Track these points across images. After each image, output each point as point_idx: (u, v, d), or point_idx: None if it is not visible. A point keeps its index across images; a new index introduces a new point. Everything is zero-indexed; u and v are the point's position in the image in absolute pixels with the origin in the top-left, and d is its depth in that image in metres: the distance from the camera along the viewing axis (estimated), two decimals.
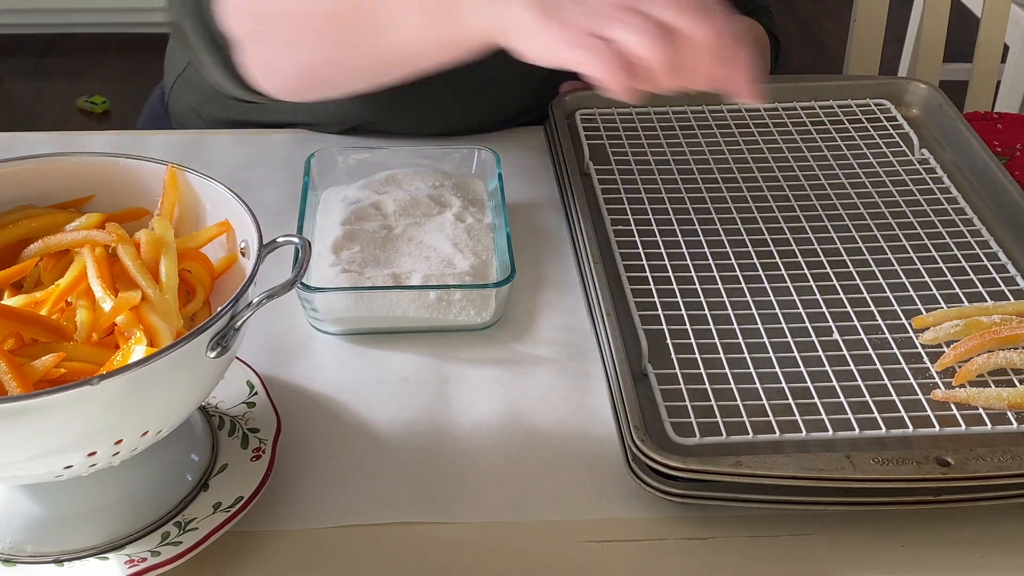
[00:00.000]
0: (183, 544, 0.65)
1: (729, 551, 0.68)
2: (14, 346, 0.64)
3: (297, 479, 0.72)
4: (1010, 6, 1.64)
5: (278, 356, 0.82)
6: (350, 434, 0.76)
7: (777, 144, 1.02)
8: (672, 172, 0.98)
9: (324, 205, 0.91)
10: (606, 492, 0.72)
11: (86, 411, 0.57)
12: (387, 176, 0.94)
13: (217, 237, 0.71)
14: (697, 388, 0.74)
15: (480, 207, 0.92)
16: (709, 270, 0.86)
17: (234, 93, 0.93)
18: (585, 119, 1.04)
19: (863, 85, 1.10)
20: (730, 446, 0.71)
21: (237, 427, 0.72)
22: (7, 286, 0.69)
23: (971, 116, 1.16)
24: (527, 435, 0.76)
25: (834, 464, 0.67)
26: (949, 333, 0.78)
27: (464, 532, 0.69)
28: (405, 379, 0.80)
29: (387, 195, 0.92)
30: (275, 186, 0.99)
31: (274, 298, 0.63)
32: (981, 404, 0.73)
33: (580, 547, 0.68)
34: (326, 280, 0.83)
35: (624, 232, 0.89)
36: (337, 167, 0.95)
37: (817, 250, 0.88)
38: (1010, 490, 0.68)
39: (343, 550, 0.68)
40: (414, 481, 0.72)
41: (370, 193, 0.92)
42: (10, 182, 0.72)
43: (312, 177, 0.92)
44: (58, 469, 0.60)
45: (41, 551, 0.65)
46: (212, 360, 0.61)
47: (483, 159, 0.96)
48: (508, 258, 0.84)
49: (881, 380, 0.76)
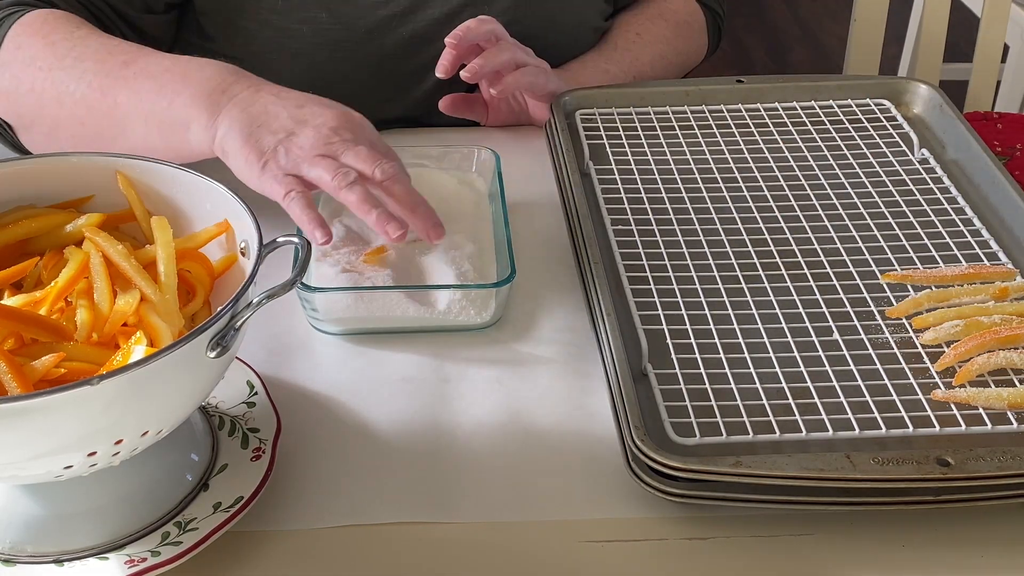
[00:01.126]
0: (183, 544, 0.65)
1: (729, 551, 0.68)
2: (14, 346, 0.64)
3: (297, 479, 0.72)
4: (1010, 6, 1.64)
5: (278, 356, 0.82)
6: (350, 434, 0.76)
7: (777, 144, 1.02)
8: (672, 172, 0.98)
9: (324, 205, 0.91)
10: (606, 492, 0.72)
11: (86, 411, 0.57)
12: None
13: (216, 237, 0.71)
14: (697, 388, 0.74)
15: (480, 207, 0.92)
16: (709, 270, 0.86)
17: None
18: (585, 119, 1.04)
19: (863, 85, 1.10)
20: (730, 446, 0.71)
21: (237, 427, 0.72)
22: (7, 286, 0.69)
23: (971, 116, 1.16)
24: (527, 435, 0.76)
25: (834, 464, 0.67)
26: (949, 333, 0.78)
27: (464, 532, 0.69)
28: (405, 379, 0.80)
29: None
30: None
31: (274, 298, 0.63)
32: (981, 404, 0.73)
33: (580, 547, 0.68)
34: (326, 280, 0.83)
35: (624, 232, 0.89)
36: None
37: (817, 250, 0.88)
38: (1010, 490, 0.68)
39: (343, 550, 0.68)
40: (414, 481, 0.72)
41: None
42: (10, 182, 0.73)
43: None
44: (58, 469, 0.60)
45: (41, 551, 0.65)
46: (212, 360, 0.61)
47: (483, 159, 0.96)
48: (508, 258, 0.84)
49: (881, 380, 0.76)
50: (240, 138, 0.81)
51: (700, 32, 1.27)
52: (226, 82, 0.85)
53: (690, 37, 1.25)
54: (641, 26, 1.20)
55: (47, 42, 0.91)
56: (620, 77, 1.15)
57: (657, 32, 1.20)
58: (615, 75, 1.15)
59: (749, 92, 1.08)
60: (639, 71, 1.17)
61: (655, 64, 1.19)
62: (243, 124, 0.81)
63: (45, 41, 0.92)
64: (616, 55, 1.16)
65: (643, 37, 1.19)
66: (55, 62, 0.90)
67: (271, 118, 0.82)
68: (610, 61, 1.16)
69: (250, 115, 0.82)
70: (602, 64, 1.15)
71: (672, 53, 1.21)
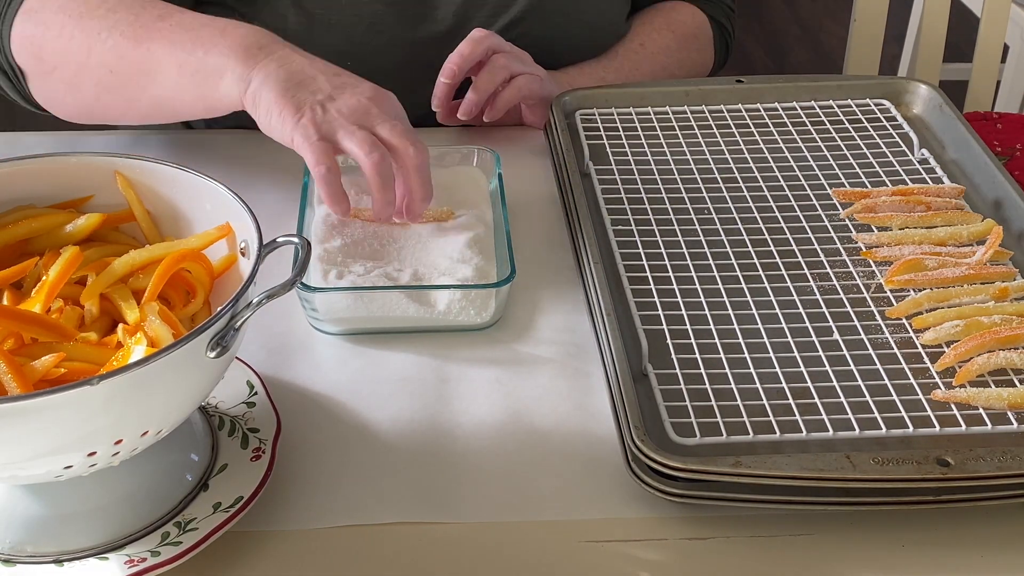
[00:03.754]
0: (183, 544, 0.65)
1: (729, 551, 0.68)
2: (14, 346, 0.64)
3: (297, 479, 0.72)
4: (1010, 6, 1.64)
5: (278, 356, 0.82)
6: (350, 434, 0.76)
7: (777, 144, 1.02)
8: (672, 172, 0.98)
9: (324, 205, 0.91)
10: (606, 492, 0.72)
11: (86, 411, 0.57)
12: None
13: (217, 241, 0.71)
14: (697, 388, 0.74)
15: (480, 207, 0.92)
16: (709, 270, 0.86)
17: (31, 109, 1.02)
18: (585, 119, 1.04)
19: (863, 85, 1.10)
20: (730, 446, 0.71)
21: (237, 427, 0.72)
22: (7, 286, 0.69)
23: (971, 116, 1.16)
24: (527, 435, 0.76)
25: (834, 464, 0.67)
26: (949, 333, 0.78)
27: (464, 532, 0.69)
28: (405, 379, 0.80)
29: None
30: (275, 186, 0.99)
31: (274, 298, 0.63)
32: (981, 404, 0.73)
33: (580, 547, 0.68)
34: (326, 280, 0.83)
35: (624, 232, 0.89)
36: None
37: (817, 250, 0.88)
38: (1010, 490, 0.68)
39: (343, 550, 0.68)
40: (414, 481, 0.72)
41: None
42: (10, 182, 0.73)
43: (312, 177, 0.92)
44: (58, 469, 0.60)
45: (41, 551, 0.65)
46: (212, 360, 0.61)
47: (483, 159, 0.96)
48: (508, 258, 0.84)
49: (881, 380, 0.76)
50: (276, 91, 0.82)
51: (706, 45, 1.26)
52: (263, 40, 0.86)
53: (695, 50, 1.24)
54: (646, 36, 1.20)
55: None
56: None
57: (661, 43, 1.20)
58: (611, 83, 1.15)
59: (749, 92, 1.08)
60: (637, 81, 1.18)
61: (656, 75, 1.19)
62: (281, 79, 0.83)
63: None
64: (615, 64, 1.17)
65: (646, 47, 1.19)
66: (86, 11, 0.91)
67: (309, 79, 0.83)
68: (607, 69, 1.16)
69: (289, 71, 0.83)
70: (599, 72, 1.16)
71: (675, 65, 1.21)
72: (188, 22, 0.89)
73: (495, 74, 1.03)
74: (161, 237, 0.74)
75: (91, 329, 0.67)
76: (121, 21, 0.90)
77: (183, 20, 0.89)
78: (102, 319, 0.69)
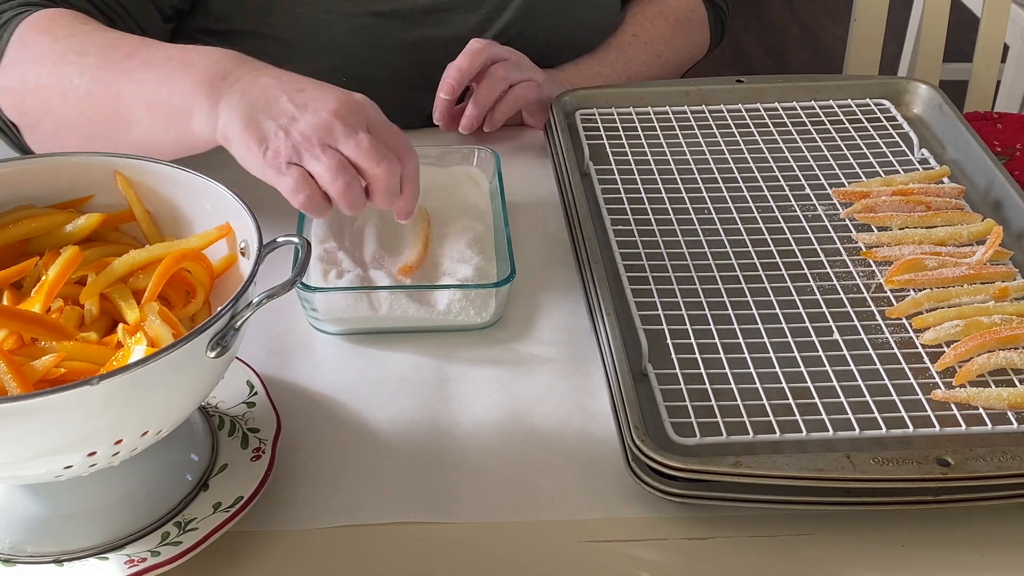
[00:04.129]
0: (183, 544, 0.65)
1: (729, 551, 0.68)
2: (14, 346, 0.64)
3: (297, 479, 0.72)
4: (1010, 6, 1.64)
5: (278, 356, 0.82)
6: (350, 434, 0.76)
7: (777, 144, 1.02)
8: (672, 172, 0.98)
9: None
10: (606, 492, 0.72)
11: (86, 411, 0.57)
12: None
13: (217, 241, 0.71)
14: (697, 388, 0.74)
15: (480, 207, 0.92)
16: (709, 270, 0.86)
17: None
18: (585, 119, 1.04)
19: (863, 85, 1.10)
20: (730, 446, 0.71)
21: (237, 427, 0.72)
22: (7, 286, 0.69)
23: (971, 116, 1.16)
24: (527, 435, 0.76)
25: (834, 464, 0.67)
26: (949, 333, 0.78)
27: (464, 532, 0.69)
28: (405, 379, 0.80)
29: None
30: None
31: (274, 298, 0.63)
32: (981, 404, 0.73)
33: (580, 547, 0.68)
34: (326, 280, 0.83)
35: (624, 232, 0.89)
36: None
37: (817, 250, 0.88)
38: (1010, 490, 0.68)
39: (343, 550, 0.68)
40: (414, 481, 0.72)
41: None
42: (10, 182, 0.73)
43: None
44: (58, 469, 0.60)
45: (41, 551, 0.65)
46: (212, 360, 0.61)
47: (483, 159, 0.96)
48: (508, 258, 0.84)
49: (881, 380, 0.75)
50: (240, 123, 0.80)
51: (701, 27, 1.27)
52: (227, 68, 0.84)
53: (690, 33, 1.25)
54: (639, 26, 1.21)
55: (52, 38, 0.91)
56: (613, 79, 1.16)
57: (655, 32, 1.21)
58: (608, 76, 1.15)
59: (749, 92, 1.08)
60: (634, 72, 1.18)
61: (651, 64, 1.19)
62: (243, 109, 0.80)
63: (51, 38, 0.91)
64: (610, 56, 1.17)
65: (639, 38, 1.20)
66: (59, 58, 0.90)
67: (271, 102, 0.81)
68: (603, 63, 1.16)
69: (249, 100, 0.81)
70: (595, 66, 1.16)
71: (670, 52, 1.22)
72: (154, 58, 0.87)
73: (494, 86, 1.03)
74: (161, 237, 0.74)
75: (91, 329, 0.67)
76: (90, 65, 0.88)
77: (149, 56, 0.87)
78: (102, 319, 0.69)
